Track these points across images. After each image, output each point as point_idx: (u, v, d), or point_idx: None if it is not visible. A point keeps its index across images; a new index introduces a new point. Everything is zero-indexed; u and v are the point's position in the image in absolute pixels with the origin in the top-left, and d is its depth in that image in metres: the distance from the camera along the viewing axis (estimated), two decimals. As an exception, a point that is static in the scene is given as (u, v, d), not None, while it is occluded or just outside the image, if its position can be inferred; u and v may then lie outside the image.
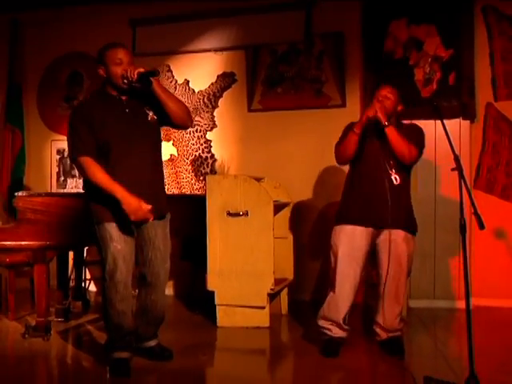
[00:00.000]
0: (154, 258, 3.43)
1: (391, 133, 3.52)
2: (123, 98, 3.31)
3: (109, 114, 3.27)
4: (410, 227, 3.65)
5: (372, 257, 3.71)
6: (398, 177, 3.58)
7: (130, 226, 3.31)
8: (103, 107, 3.28)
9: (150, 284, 3.48)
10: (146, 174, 3.32)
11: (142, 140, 3.31)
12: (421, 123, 5.09)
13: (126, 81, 3.20)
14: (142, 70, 3.19)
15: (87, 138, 3.21)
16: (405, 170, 3.65)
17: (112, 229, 3.26)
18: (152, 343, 3.61)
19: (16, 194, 4.33)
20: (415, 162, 3.67)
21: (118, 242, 3.26)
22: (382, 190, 3.57)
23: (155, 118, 3.36)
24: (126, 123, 3.28)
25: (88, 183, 3.28)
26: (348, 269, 3.58)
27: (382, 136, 3.55)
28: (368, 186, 3.62)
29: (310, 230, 5.50)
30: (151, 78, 3.19)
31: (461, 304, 4.88)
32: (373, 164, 3.62)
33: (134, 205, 3.16)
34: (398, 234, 3.58)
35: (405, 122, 3.86)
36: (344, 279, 3.59)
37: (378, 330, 3.70)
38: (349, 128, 3.68)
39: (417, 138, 3.67)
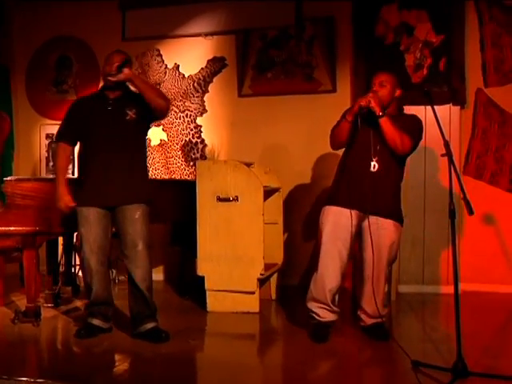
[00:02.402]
0: (124, 242, 3.67)
1: (385, 123, 3.51)
2: (111, 96, 3.66)
3: (93, 110, 3.66)
4: (395, 216, 3.64)
5: (358, 241, 3.71)
6: (377, 164, 3.58)
7: (103, 209, 3.64)
8: (90, 103, 3.72)
9: (127, 263, 3.69)
10: (115, 164, 3.60)
11: (117, 135, 3.62)
12: (411, 109, 5.15)
13: (108, 77, 3.54)
14: (117, 63, 3.55)
15: (71, 126, 3.71)
16: (394, 158, 3.62)
17: (84, 211, 3.64)
18: (148, 326, 3.66)
19: (5, 179, 4.30)
20: (408, 153, 3.67)
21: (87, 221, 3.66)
22: (362, 175, 3.58)
23: (134, 117, 3.64)
24: (105, 119, 3.63)
25: (78, 167, 3.80)
26: (332, 248, 3.57)
27: (376, 124, 3.54)
28: (353, 170, 3.64)
29: (300, 216, 5.51)
30: (125, 65, 3.53)
31: (449, 289, 4.89)
32: (360, 150, 3.62)
33: (60, 195, 3.62)
34: (384, 222, 3.59)
35: (407, 112, 3.83)
36: (328, 258, 3.58)
37: (362, 315, 3.70)
38: (346, 113, 3.68)
39: (413, 129, 3.65)
